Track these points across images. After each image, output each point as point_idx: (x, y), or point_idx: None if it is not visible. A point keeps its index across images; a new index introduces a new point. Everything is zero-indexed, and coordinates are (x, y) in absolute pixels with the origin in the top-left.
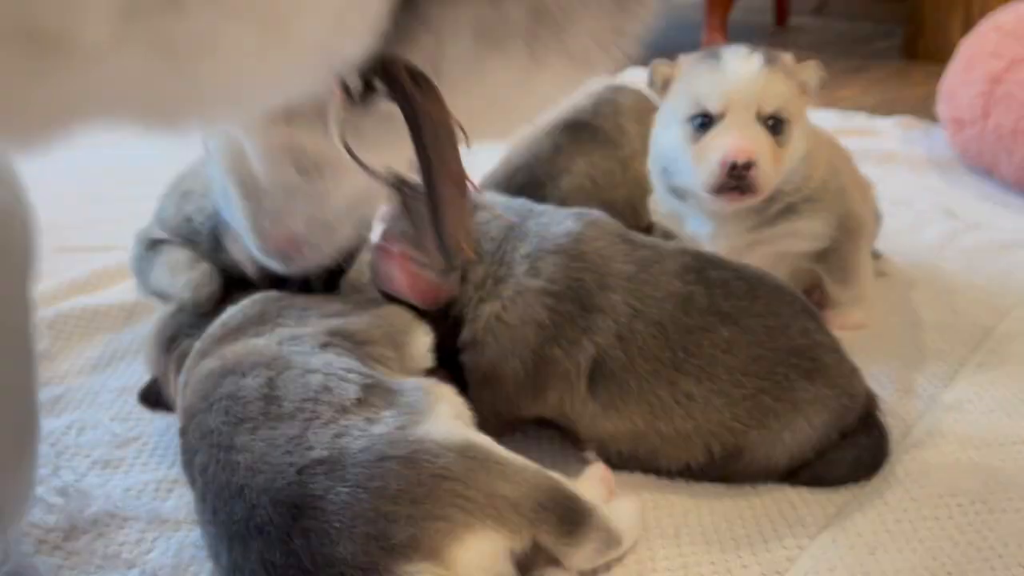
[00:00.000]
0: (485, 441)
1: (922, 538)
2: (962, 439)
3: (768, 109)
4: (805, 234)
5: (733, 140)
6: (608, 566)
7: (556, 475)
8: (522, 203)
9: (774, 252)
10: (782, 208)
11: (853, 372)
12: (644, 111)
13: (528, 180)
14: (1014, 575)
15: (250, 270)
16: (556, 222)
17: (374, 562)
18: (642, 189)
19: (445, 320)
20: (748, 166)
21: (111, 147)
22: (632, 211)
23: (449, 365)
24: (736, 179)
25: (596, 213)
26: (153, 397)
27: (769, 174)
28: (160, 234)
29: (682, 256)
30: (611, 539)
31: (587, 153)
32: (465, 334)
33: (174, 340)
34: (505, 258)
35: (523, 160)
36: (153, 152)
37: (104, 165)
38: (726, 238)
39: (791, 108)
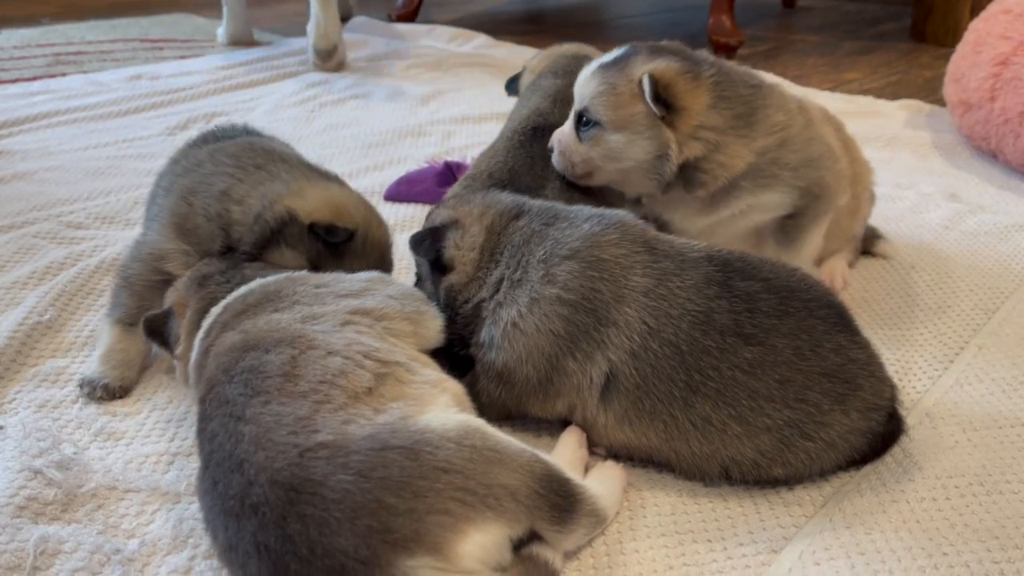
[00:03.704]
0: (481, 424)
1: (919, 519)
2: (961, 421)
3: (576, 108)
4: (766, 206)
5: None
6: (606, 543)
7: (548, 457)
8: (551, 208)
9: (744, 227)
10: (718, 191)
11: (884, 381)
12: None
13: (515, 193)
14: (1010, 556)
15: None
16: (575, 225)
17: (376, 555)
18: None
19: (459, 313)
20: (551, 149)
21: (110, 123)
22: (619, 194)
23: (457, 355)
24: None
25: (620, 214)
26: (157, 327)
27: (567, 162)
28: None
29: (707, 265)
30: (598, 521)
31: None
32: (484, 335)
33: (208, 278)
34: (522, 261)
35: (505, 175)
36: (152, 127)
37: (104, 141)
38: (688, 219)
39: (604, 112)
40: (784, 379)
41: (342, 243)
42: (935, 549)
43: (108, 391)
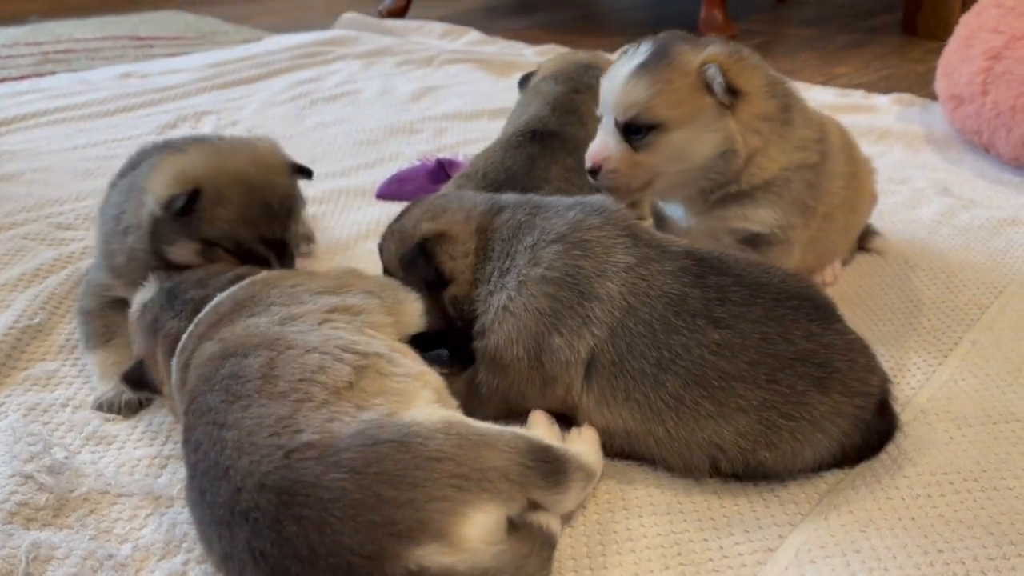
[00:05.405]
0: (462, 416)
1: (914, 516)
2: (956, 417)
3: (622, 118)
4: (753, 219)
5: (591, 147)
6: (602, 542)
7: (526, 431)
8: (529, 199)
9: (725, 228)
10: (733, 194)
11: (868, 367)
12: None
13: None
14: (1005, 552)
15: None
16: (560, 213)
17: (383, 549)
18: None
19: (464, 318)
20: (594, 171)
21: (100, 122)
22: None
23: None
24: (594, 178)
25: (601, 200)
26: (137, 378)
27: (625, 178)
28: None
29: (685, 258)
30: (588, 475)
31: (559, 161)
32: (477, 325)
33: (156, 321)
34: (511, 251)
35: (502, 175)
36: (142, 126)
37: (93, 140)
38: (691, 218)
39: (665, 111)
40: (753, 362)
41: (190, 207)
42: (930, 546)
43: (130, 406)
